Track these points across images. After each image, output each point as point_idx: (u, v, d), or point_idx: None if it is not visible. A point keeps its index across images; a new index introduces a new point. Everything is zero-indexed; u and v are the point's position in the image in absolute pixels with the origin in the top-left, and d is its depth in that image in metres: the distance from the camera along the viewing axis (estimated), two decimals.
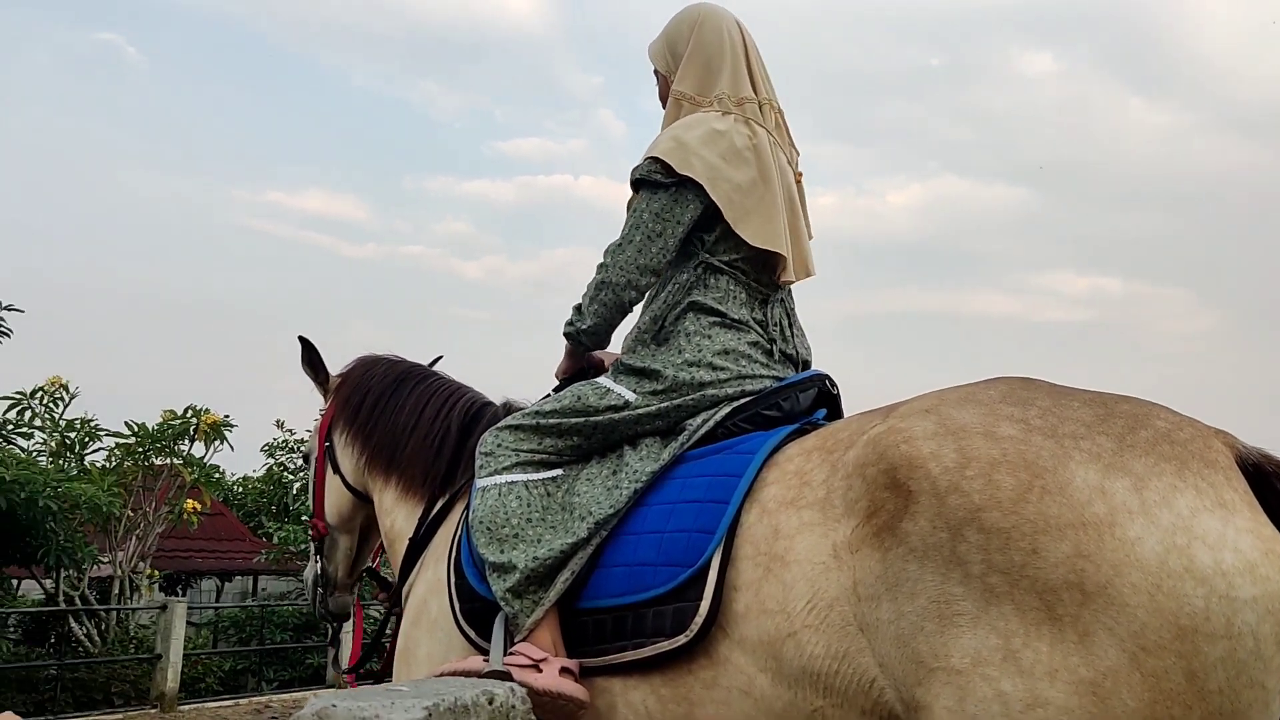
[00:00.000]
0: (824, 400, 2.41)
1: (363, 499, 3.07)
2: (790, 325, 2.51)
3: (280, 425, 17.42)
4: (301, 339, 3.23)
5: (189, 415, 11.72)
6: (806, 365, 2.51)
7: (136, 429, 11.52)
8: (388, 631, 3.15)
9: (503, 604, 2.16)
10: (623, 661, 2.05)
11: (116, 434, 11.52)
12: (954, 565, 1.66)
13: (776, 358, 2.41)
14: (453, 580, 2.36)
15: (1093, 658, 1.54)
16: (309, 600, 3.25)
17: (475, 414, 2.83)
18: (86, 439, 11.36)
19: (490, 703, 1.48)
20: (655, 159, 2.36)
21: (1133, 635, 1.53)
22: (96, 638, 11.00)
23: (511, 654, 2.10)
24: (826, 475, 1.94)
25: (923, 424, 1.81)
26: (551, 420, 2.32)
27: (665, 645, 1.98)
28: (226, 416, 11.96)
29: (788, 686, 1.84)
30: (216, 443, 11.89)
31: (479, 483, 2.30)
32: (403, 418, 2.90)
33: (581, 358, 2.58)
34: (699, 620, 1.94)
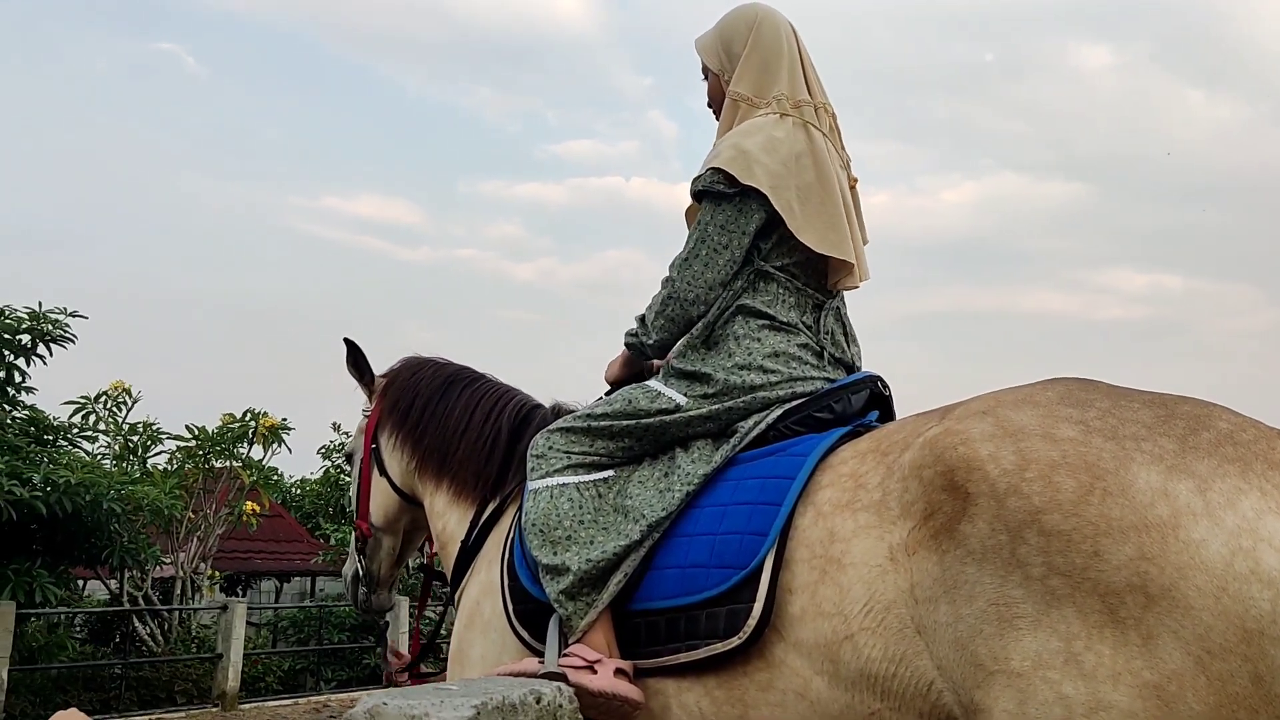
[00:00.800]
0: (876, 402, 2.40)
1: (410, 501, 3.09)
2: (843, 331, 2.50)
3: (336, 428, 17.65)
4: (347, 340, 3.26)
5: (247, 418, 11.92)
6: (854, 370, 2.48)
7: (197, 432, 11.75)
8: (443, 632, 3.16)
9: (556, 606, 2.16)
10: (676, 663, 2.05)
11: (177, 437, 11.76)
12: (1014, 568, 1.65)
13: (827, 361, 2.40)
14: (506, 582, 2.37)
15: (1157, 661, 1.53)
16: (349, 596, 3.29)
17: (525, 416, 2.83)
18: (148, 442, 11.60)
19: (538, 702, 1.47)
20: (718, 169, 2.35)
21: (1198, 638, 1.51)
22: (160, 637, 11.22)
23: (566, 655, 2.11)
24: (882, 478, 1.93)
25: (980, 426, 1.80)
26: (603, 423, 2.33)
27: (719, 647, 1.98)
28: (284, 419, 12.14)
29: (845, 689, 1.84)
30: (274, 445, 12.09)
31: (531, 485, 2.31)
32: (453, 421, 2.91)
33: (637, 365, 2.58)
34: (752, 622, 1.94)
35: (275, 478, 13.90)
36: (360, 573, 3.21)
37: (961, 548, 1.71)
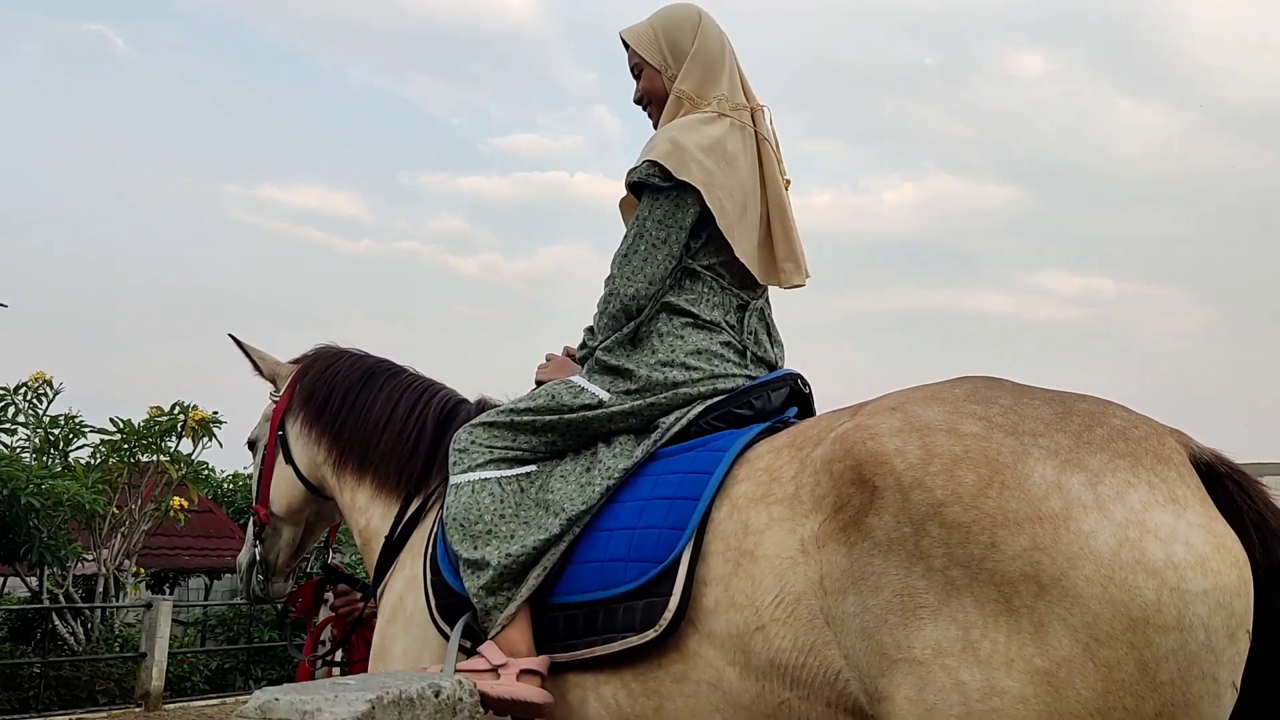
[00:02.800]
0: (796, 399, 2.44)
1: (317, 494, 3.07)
2: (766, 331, 2.54)
3: None
4: (232, 337, 3.27)
5: (176, 412, 11.64)
6: (779, 369, 2.53)
7: (122, 425, 11.44)
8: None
9: (475, 601, 2.16)
10: (594, 656, 2.06)
11: (101, 430, 11.44)
12: (917, 559, 1.69)
13: (750, 359, 2.43)
14: (428, 577, 2.36)
15: (1047, 648, 1.57)
16: (241, 584, 3.24)
17: (450, 411, 2.81)
18: (70, 435, 11.28)
19: (436, 695, 1.43)
20: (654, 162, 2.35)
21: (1086, 626, 1.56)
22: (81, 636, 10.92)
23: (473, 658, 2.12)
24: (795, 472, 1.97)
25: (889, 421, 1.84)
26: (526, 418, 2.33)
27: (635, 640, 2.00)
28: (215, 413, 11.87)
29: (755, 679, 1.87)
30: (205, 439, 11.81)
31: (453, 479, 2.31)
32: (374, 414, 2.86)
33: (571, 371, 2.53)
34: (668, 615, 1.96)
35: (205, 472, 13.57)
36: (257, 560, 3.16)
37: (869, 540, 1.75)
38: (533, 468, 2.32)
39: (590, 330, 2.46)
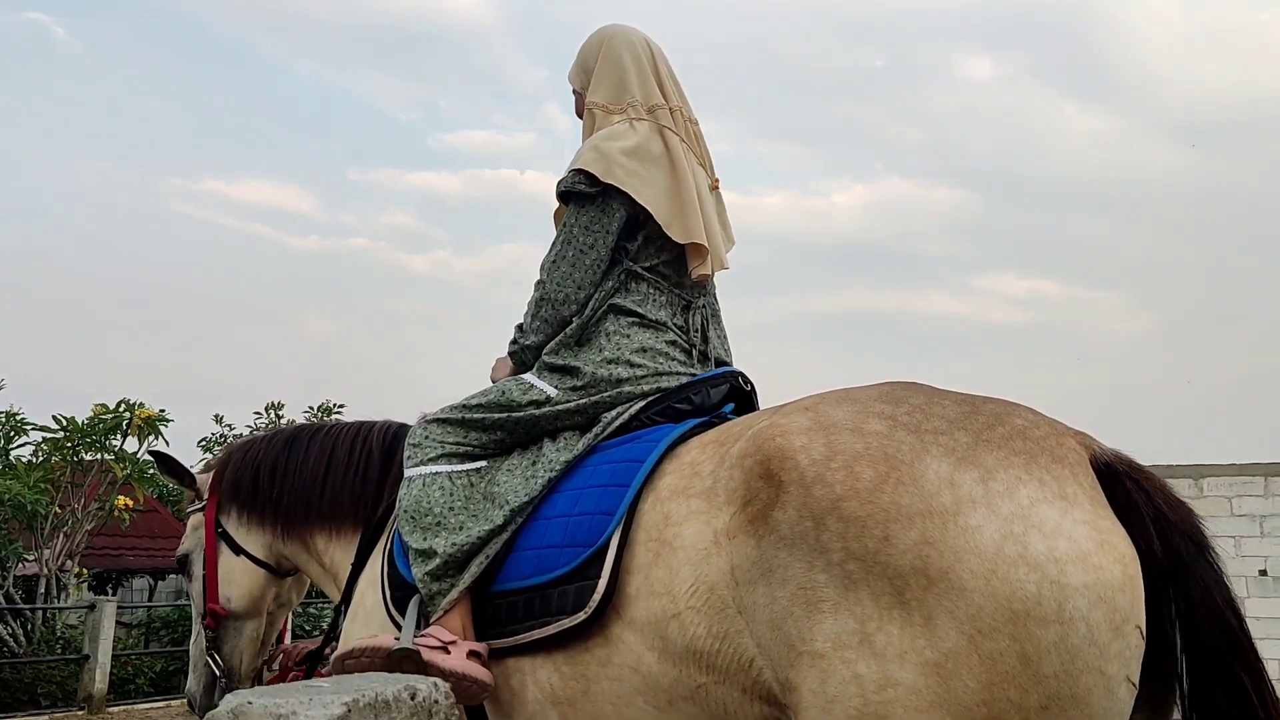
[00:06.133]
0: (736, 396, 2.51)
1: (276, 572, 3.10)
2: (712, 329, 2.62)
3: (219, 420, 17.12)
4: (153, 453, 3.36)
5: (121, 409, 11.43)
6: (725, 365, 2.61)
7: (65, 423, 11.22)
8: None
9: (421, 587, 2.25)
10: (530, 640, 2.13)
11: (44, 428, 11.21)
12: (818, 553, 1.73)
13: (696, 357, 2.53)
14: (385, 570, 2.43)
15: (936, 640, 1.61)
16: (200, 706, 3.11)
17: (395, 435, 2.85)
18: (11, 433, 11.05)
19: (412, 698, 1.43)
20: (579, 170, 2.45)
21: (970, 618, 1.59)
22: (22, 638, 10.69)
23: (423, 635, 2.18)
24: (714, 466, 2.02)
25: (800, 420, 1.90)
26: (477, 414, 2.42)
27: (567, 622, 2.06)
28: (162, 411, 11.68)
29: (673, 664, 1.93)
30: (151, 438, 11.60)
31: (407, 472, 2.40)
32: (309, 469, 2.92)
33: (521, 369, 2.60)
34: (597, 597, 2.03)
35: (151, 471, 13.37)
36: (218, 673, 3.08)
37: (775, 533, 1.79)
38: (483, 463, 2.40)
39: (520, 327, 2.55)
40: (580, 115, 2.74)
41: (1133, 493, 1.74)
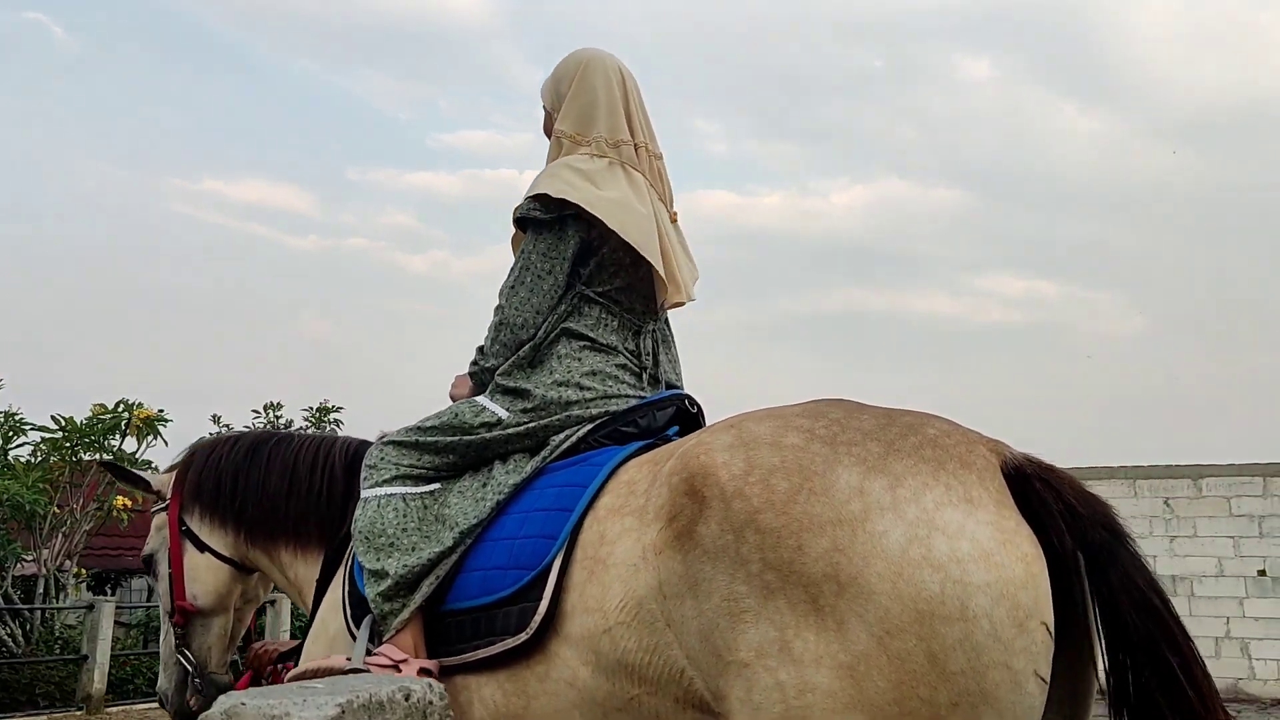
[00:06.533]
0: (683, 418, 2.57)
1: (242, 569, 3.13)
2: (663, 353, 2.68)
3: (217, 420, 17.08)
4: (103, 464, 3.48)
5: (120, 409, 11.42)
6: (675, 388, 2.67)
7: (64, 423, 11.21)
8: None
9: (374, 607, 2.30)
10: (476, 659, 2.19)
11: (43, 428, 11.20)
12: (738, 565, 1.78)
13: (646, 380, 2.59)
14: (346, 589, 2.48)
15: (849, 643, 1.66)
16: (173, 705, 3.16)
17: (356, 452, 2.89)
18: (10, 433, 11.03)
19: (406, 699, 1.43)
20: (535, 196, 2.51)
21: (879, 620, 1.64)
22: (20, 638, 10.68)
23: (375, 655, 2.24)
24: (647, 485, 2.09)
25: (724, 437, 1.96)
26: (430, 437, 2.47)
27: (510, 643, 2.12)
28: (161, 411, 11.66)
29: (606, 678, 1.99)
30: (150, 438, 11.59)
31: (363, 493, 2.46)
32: (273, 484, 2.96)
33: (480, 388, 2.66)
34: (538, 619, 2.09)
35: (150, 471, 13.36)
36: (190, 669, 3.12)
37: (699, 548, 1.85)
38: (437, 485, 2.45)
39: (480, 350, 2.60)
40: (548, 134, 2.77)
41: (1042, 493, 1.79)
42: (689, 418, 2.58)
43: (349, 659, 2.28)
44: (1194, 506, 11.88)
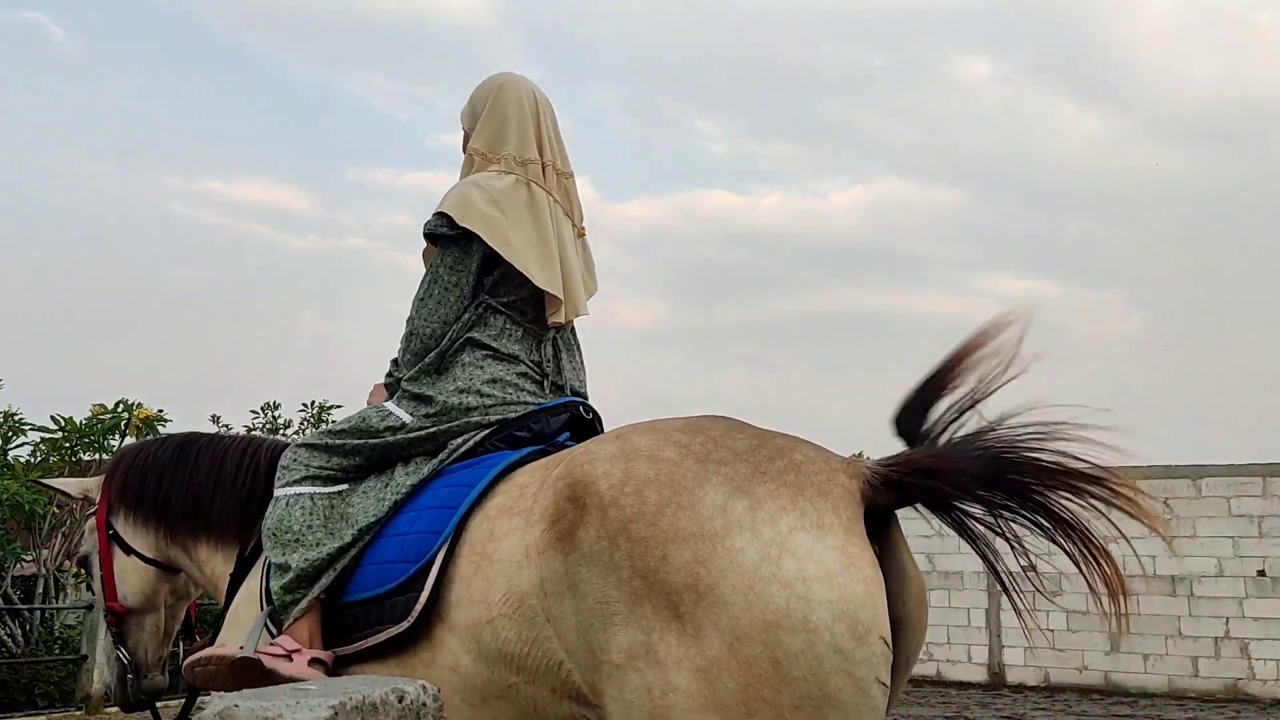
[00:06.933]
0: (577, 424, 2.71)
1: (167, 569, 3.24)
2: (566, 360, 2.82)
3: (216, 420, 17.06)
4: (33, 482, 3.48)
5: (120, 410, 11.43)
6: (579, 395, 2.82)
7: (64, 423, 11.22)
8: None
9: (275, 599, 2.47)
10: (369, 646, 2.35)
11: (42, 428, 11.20)
12: (611, 570, 1.93)
13: (548, 388, 2.73)
14: (264, 584, 2.61)
15: (704, 648, 1.82)
16: (115, 698, 3.32)
17: (280, 453, 2.98)
18: (10, 433, 11.03)
19: (400, 700, 1.43)
20: (441, 214, 2.66)
21: (730, 628, 1.80)
22: (20, 638, 10.69)
23: (271, 645, 2.40)
24: (536, 488, 2.23)
25: (608, 448, 2.10)
26: (339, 440, 2.63)
27: (394, 630, 2.30)
28: (160, 411, 11.67)
29: (487, 665, 2.14)
30: (149, 438, 11.59)
31: (275, 493, 2.62)
32: (200, 479, 3.08)
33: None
34: (418, 608, 2.25)
35: None
36: (126, 664, 3.26)
37: (578, 551, 1.99)
38: (344, 485, 2.60)
39: (394, 362, 2.77)
40: (465, 152, 2.92)
41: (903, 480, 1.97)
42: (584, 424, 2.72)
43: (241, 647, 2.44)
44: (1193, 507, 11.88)
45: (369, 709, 1.40)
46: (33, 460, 11.29)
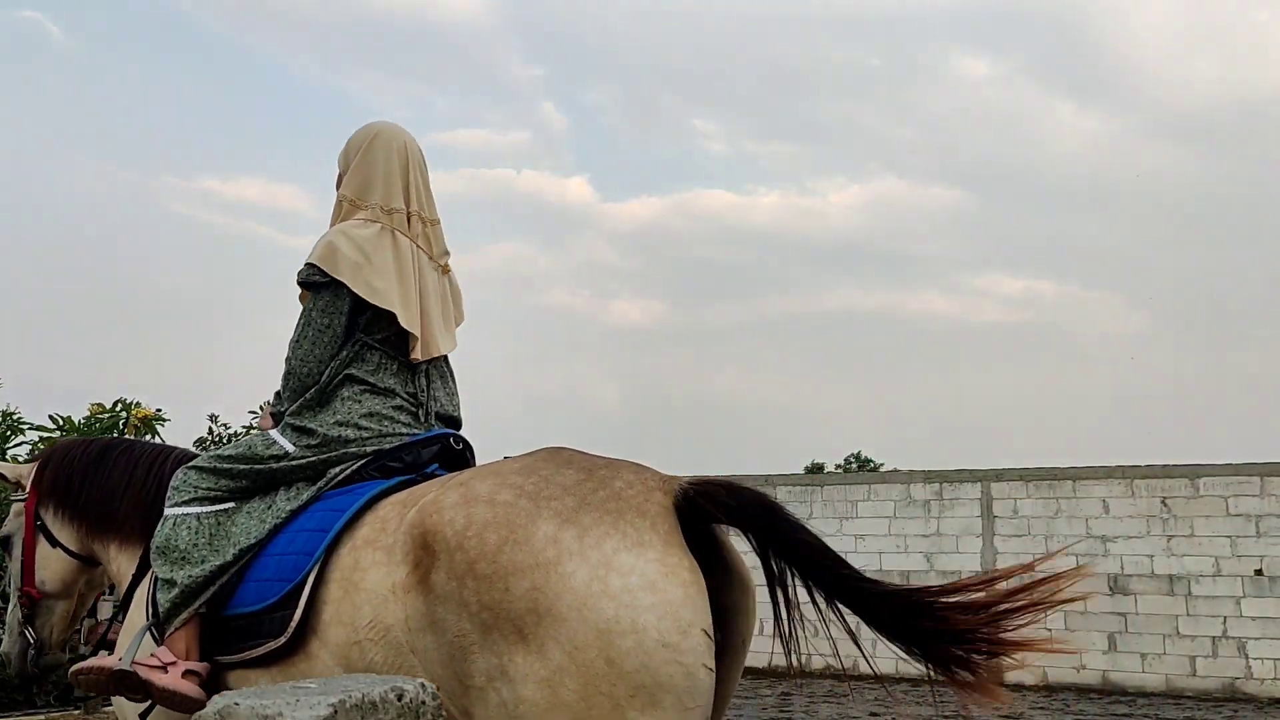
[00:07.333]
0: (448, 454, 2.94)
1: (87, 562, 3.46)
2: (441, 389, 3.09)
3: (215, 420, 17.05)
4: None
5: (119, 409, 11.41)
6: (454, 420, 3.12)
7: (62, 422, 11.20)
8: None
9: (160, 611, 2.67)
10: (249, 658, 2.59)
11: (40, 427, 11.17)
12: (463, 607, 2.20)
13: (423, 418, 2.99)
14: (151, 595, 2.81)
15: (547, 660, 2.10)
16: (13, 668, 3.54)
17: (185, 462, 3.20)
18: (8, 432, 11.01)
19: (399, 699, 1.43)
20: (311, 264, 2.90)
21: (569, 640, 2.09)
22: None
23: (149, 657, 2.62)
24: (395, 526, 2.47)
25: (451, 496, 2.37)
26: (226, 465, 2.85)
27: (273, 644, 2.54)
28: (159, 410, 11.63)
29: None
30: (148, 437, 11.59)
31: (166, 511, 2.84)
32: (113, 482, 3.33)
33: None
34: (293, 625, 2.50)
35: None
36: (31, 643, 3.49)
37: (433, 593, 2.26)
38: (230, 505, 2.82)
39: (277, 395, 3.01)
40: (337, 189, 3.14)
41: (705, 506, 2.25)
42: (454, 454, 2.96)
43: (120, 659, 2.67)
44: (1191, 506, 11.89)
45: (368, 707, 1.41)
46: (31, 460, 11.26)
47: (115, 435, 11.44)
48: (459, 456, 2.97)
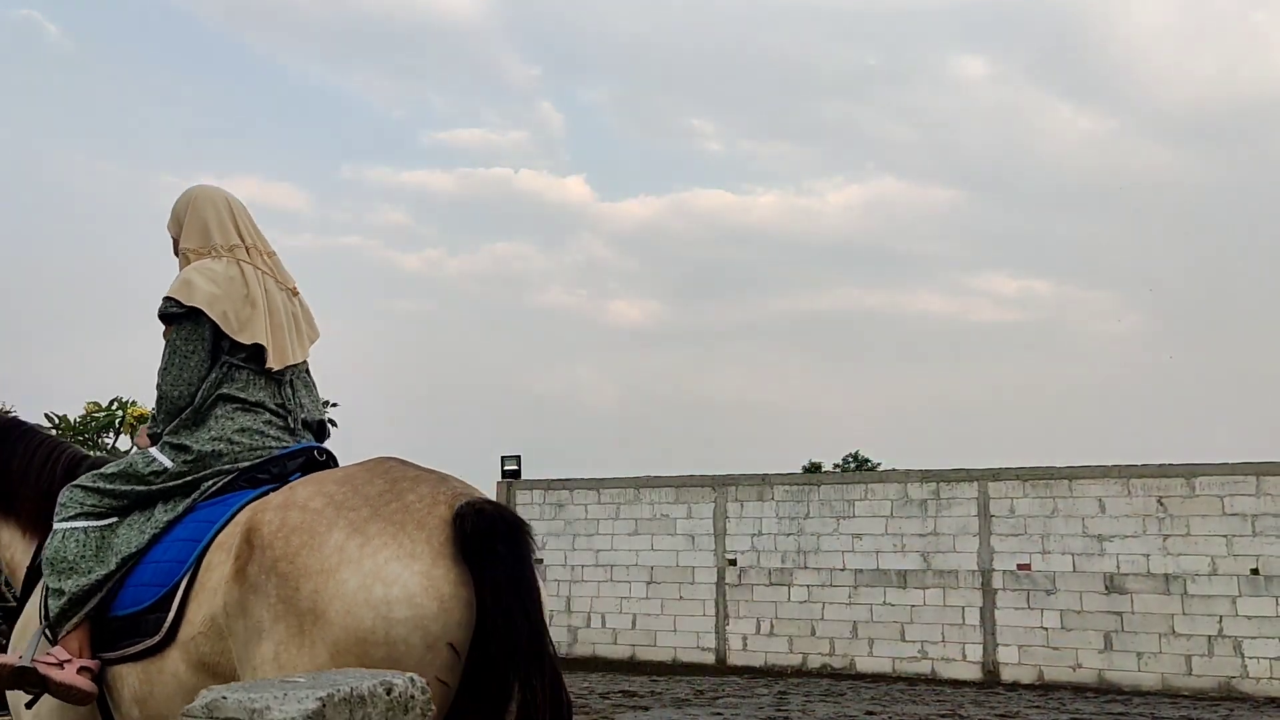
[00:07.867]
0: (311, 465, 3.17)
1: None
2: (306, 396, 3.37)
3: None
4: None
5: (114, 407, 11.43)
6: (320, 425, 3.41)
7: (58, 421, 11.21)
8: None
9: (52, 617, 2.92)
10: (127, 655, 2.83)
11: (36, 426, 11.18)
12: (264, 598, 2.44)
13: (292, 428, 3.25)
14: (43, 601, 3.02)
15: (315, 657, 2.32)
16: None
17: (75, 463, 3.46)
18: None
19: (388, 693, 1.43)
20: (169, 297, 3.17)
21: (334, 643, 2.32)
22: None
23: (47, 655, 2.86)
24: (237, 528, 2.69)
25: (277, 499, 2.64)
26: (109, 484, 3.08)
27: (149, 643, 2.77)
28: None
29: (193, 672, 2.67)
30: None
31: (55, 526, 3.06)
32: (14, 466, 3.46)
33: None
34: (165, 625, 2.73)
35: None
36: None
37: (247, 582, 2.50)
38: (114, 519, 3.04)
39: (153, 418, 3.24)
40: (176, 254, 3.42)
41: (476, 535, 2.40)
42: (318, 465, 3.17)
43: (20, 656, 2.90)
44: (1187, 505, 11.90)
45: (356, 701, 1.40)
46: None
47: (111, 433, 11.43)
48: (321, 467, 3.18)
